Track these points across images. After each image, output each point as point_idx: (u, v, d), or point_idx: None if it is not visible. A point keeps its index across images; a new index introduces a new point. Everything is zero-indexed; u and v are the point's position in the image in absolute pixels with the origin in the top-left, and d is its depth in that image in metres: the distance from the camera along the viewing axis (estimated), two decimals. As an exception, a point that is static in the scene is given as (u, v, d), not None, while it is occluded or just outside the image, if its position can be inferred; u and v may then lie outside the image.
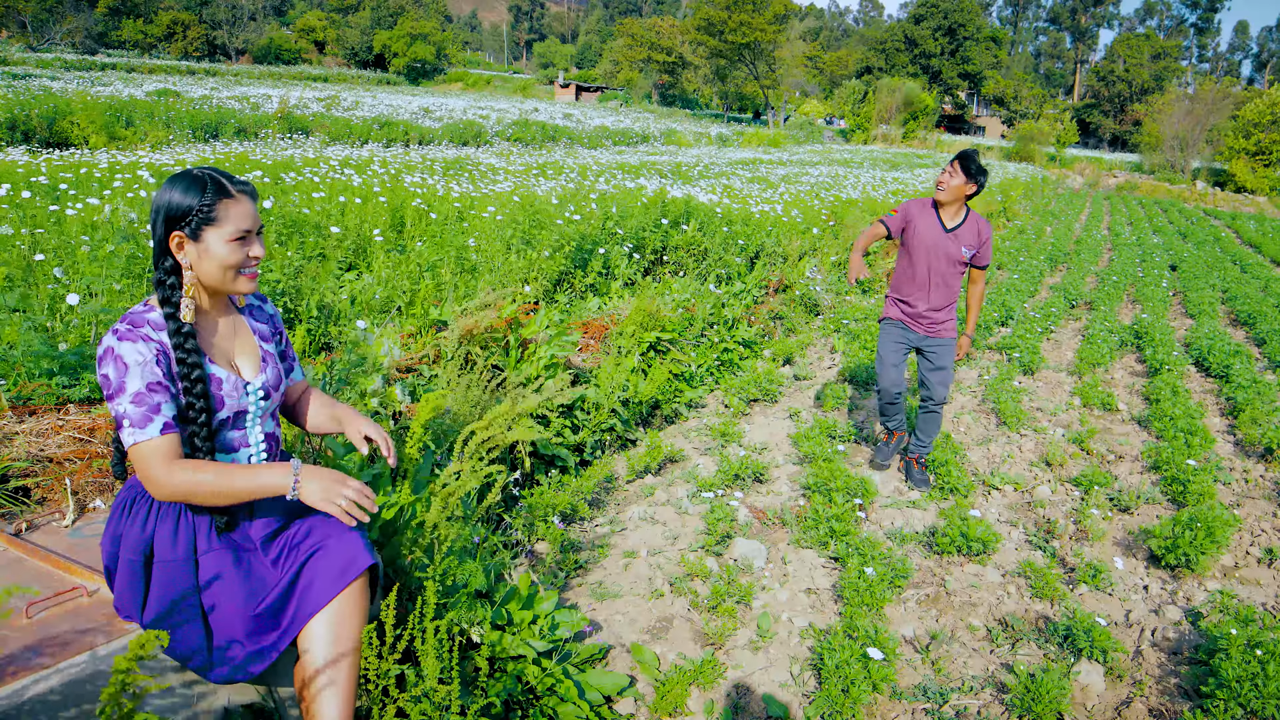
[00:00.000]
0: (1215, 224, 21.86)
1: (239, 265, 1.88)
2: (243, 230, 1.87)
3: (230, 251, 1.86)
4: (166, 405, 1.78)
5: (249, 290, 1.93)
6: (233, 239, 1.85)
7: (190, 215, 1.82)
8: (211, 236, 1.84)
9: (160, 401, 1.77)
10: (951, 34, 70.22)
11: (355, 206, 7.19)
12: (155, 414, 1.76)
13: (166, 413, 1.78)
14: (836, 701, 2.62)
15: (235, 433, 1.96)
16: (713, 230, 8.40)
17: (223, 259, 1.85)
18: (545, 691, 2.43)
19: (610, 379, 4.94)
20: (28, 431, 3.01)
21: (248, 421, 1.99)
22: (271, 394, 2.03)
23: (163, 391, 1.78)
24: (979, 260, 4.25)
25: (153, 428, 1.75)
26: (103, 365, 1.77)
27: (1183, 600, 3.56)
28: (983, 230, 4.20)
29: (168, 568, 1.83)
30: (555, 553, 3.57)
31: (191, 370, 1.82)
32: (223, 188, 1.85)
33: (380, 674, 1.80)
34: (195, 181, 1.83)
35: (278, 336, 2.15)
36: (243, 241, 1.88)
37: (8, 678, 1.80)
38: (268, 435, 2.05)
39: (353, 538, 1.94)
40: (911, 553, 3.84)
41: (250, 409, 1.98)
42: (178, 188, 1.82)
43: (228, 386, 1.92)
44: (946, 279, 4.24)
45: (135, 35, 59.73)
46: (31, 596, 2.10)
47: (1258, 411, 5.65)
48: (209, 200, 1.82)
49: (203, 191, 1.82)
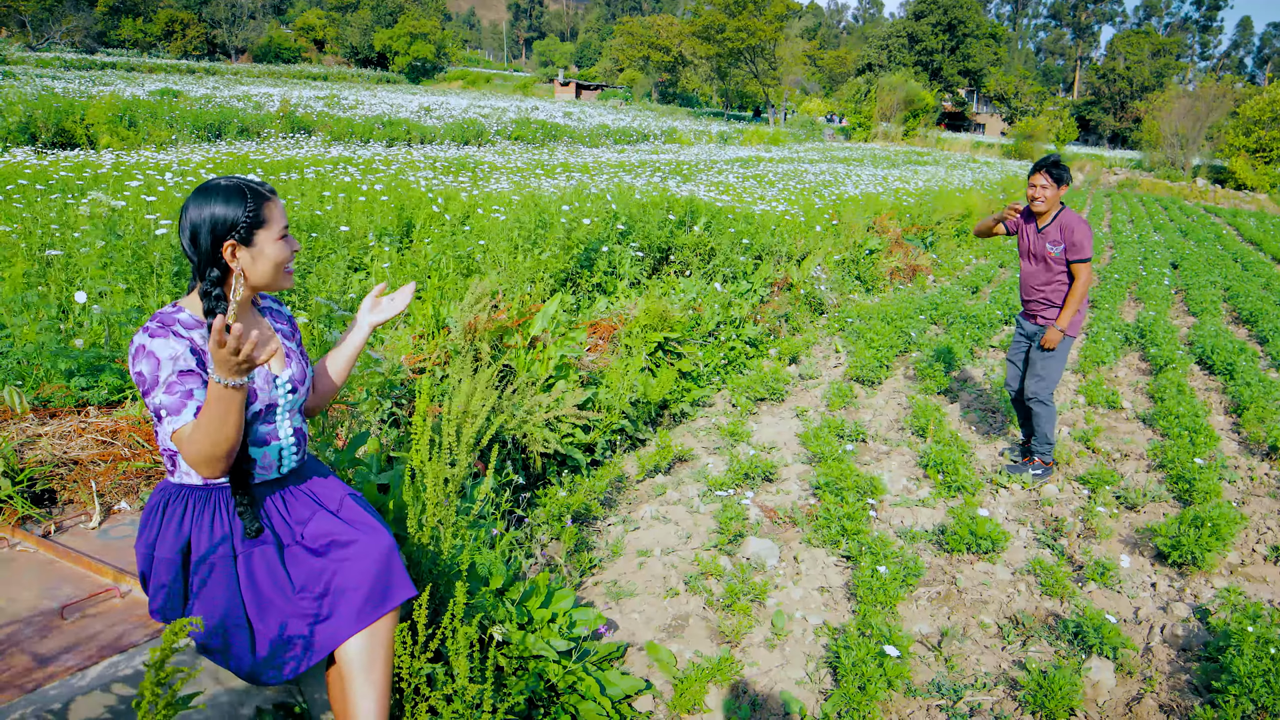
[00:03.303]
0: (1216, 221, 21.89)
1: (288, 261, 1.99)
2: (284, 227, 1.98)
3: (280, 250, 1.97)
4: (199, 390, 1.83)
5: (291, 285, 2.03)
6: (280, 236, 1.96)
7: (239, 223, 1.88)
8: (262, 238, 1.93)
9: (193, 387, 1.82)
10: (951, 30, 70.15)
11: (361, 206, 7.22)
12: (189, 399, 1.81)
13: (199, 397, 1.82)
14: (853, 699, 2.66)
15: (266, 426, 2.01)
16: (719, 229, 8.43)
17: (274, 257, 1.95)
18: (566, 689, 2.47)
19: (620, 379, 4.98)
20: (51, 434, 3.04)
21: (277, 415, 2.04)
22: (299, 388, 2.08)
23: (195, 378, 1.83)
24: (1070, 255, 4.41)
25: (188, 411, 1.81)
26: (136, 363, 1.81)
27: (1190, 597, 3.59)
28: (1065, 226, 4.40)
29: (208, 569, 1.87)
30: (569, 551, 3.60)
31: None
32: (258, 192, 1.93)
33: (412, 673, 1.83)
34: (233, 191, 1.89)
35: (295, 335, 2.20)
36: (286, 239, 1.99)
37: (48, 679, 1.84)
38: (296, 430, 2.09)
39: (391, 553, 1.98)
40: (922, 551, 3.88)
41: (280, 402, 2.03)
42: (216, 200, 1.87)
43: (259, 380, 1.97)
44: (1039, 275, 4.55)
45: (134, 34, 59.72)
46: (66, 598, 2.14)
47: (1262, 410, 5.69)
48: (254, 205, 1.91)
49: (244, 199, 1.90)
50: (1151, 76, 73.99)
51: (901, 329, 7.46)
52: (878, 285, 10.11)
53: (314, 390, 2.27)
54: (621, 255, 7.32)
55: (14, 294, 3.95)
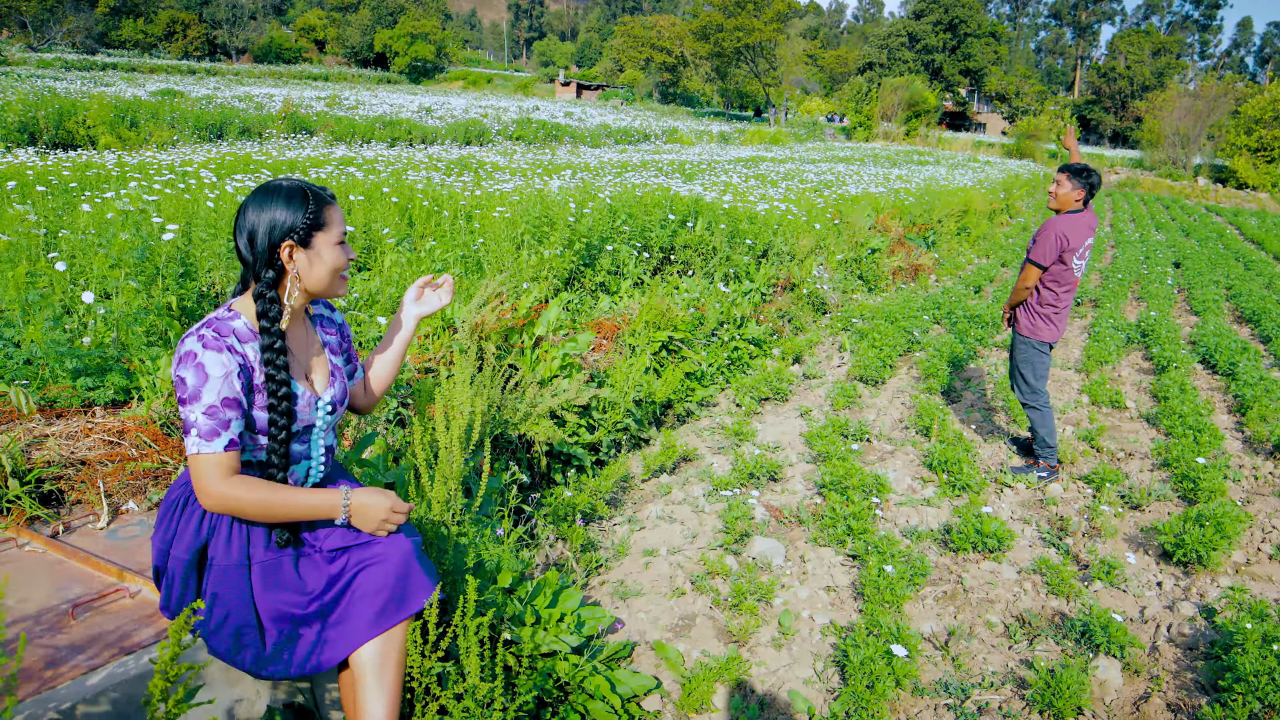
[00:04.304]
0: (1218, 221, 21.88)
1: (344, 267, 1.96)
2: (343, 232, 1.96)
3: (337, 255, 1.94)
4: (235, 422, 1.80)
5: (344, 292, 2.00)
6: (338, 242, 1.94)
7: (298, 225, 1.86)
8: (320, 241, 1.91)
9: (230, 418, 1.79)
10: (952, 29, 70.17)
11: (363, 205, 7.23)
12: (224, 429, 1.78)
13: (234, 429, 1.80)
14: (861, 698, 2.66)
15: (299, 446, 1.98)
16: (721, 229, 8.44)
17: (331, 262, 1.93)
18: (575, 688, 2.47)
19: (624, 379, 4.98)
20: (58, 434, 3.05)
21: (312, 435, 2.01)
22: (338, 408, 2.05)
23: (236, 408, 1.80)
24: (1028, 251, 4.58)
25: (219, 442, 1.77)
26: (181, 367, 1.77)
27: (1196, 596, 3.59)
28: (1040, 229, 4.54)
29: (222, 571, 1.86)
30: (576, 551, 3.61)
31: (280, 388, 1.85)
32: (319, 195, 1.92)
33: (423, 672, 1.84)
34: (295, 193, 1.88)
35: (345, 345, 2.18)
36: (343, 245, 1.96)
37: (59, 678, 1.84)
38: (327, 449, 2.06)
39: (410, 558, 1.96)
40: (927, 550, 3.88)
41: (318, 423, 2.00)
42: (278, 202, 1.86)
43: (302, 402, 1.94)
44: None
45: (135, 35, 59.75)
46: (76, 598, 2.14)
47: (1265, 409, 5.69)
48: (315, 207, 1.89)
49: (305, 201, 1.88)
50: (1152, 76, 73.96)
51: (904, 328, 7.46)
52: (880, 284, 10.11)
53: (365, 390, 2.26)
54: (624, 255, 7.33)
55: (18, 294, 3.96)
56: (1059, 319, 4.61)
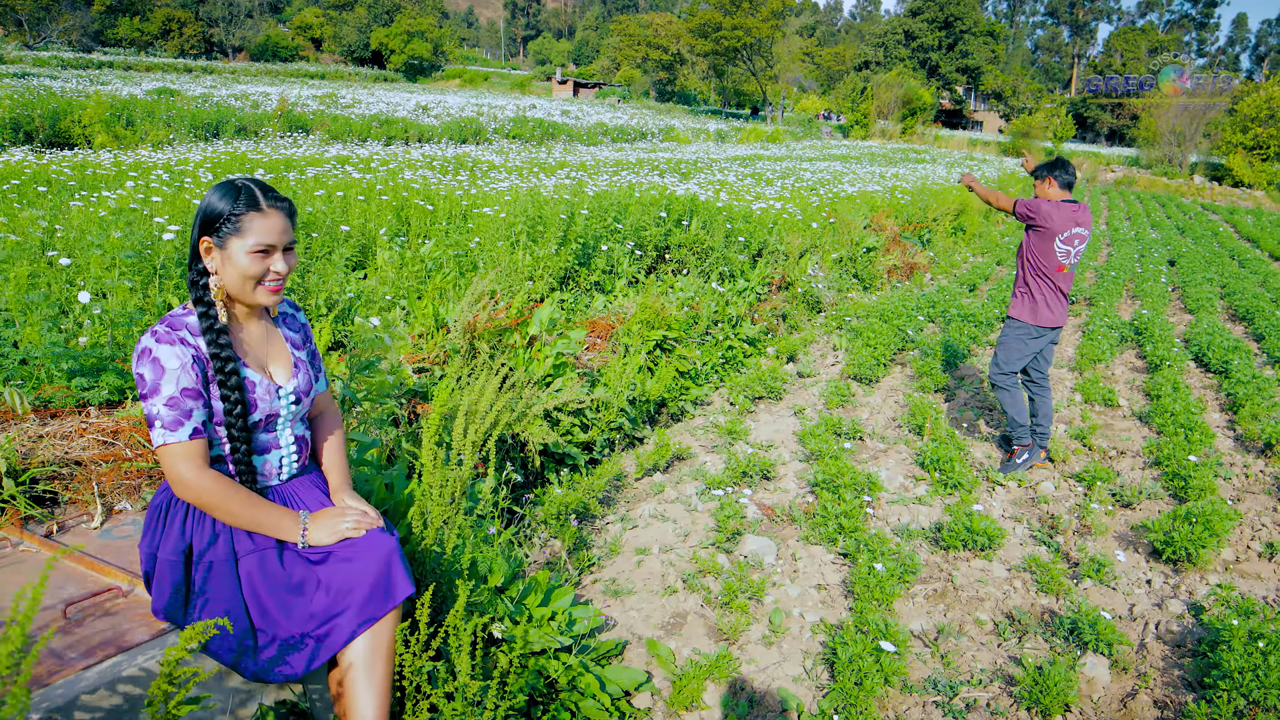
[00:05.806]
0: (1213, 219, 21.93)
1: (258, 277, 1.92)
2: (265, 244, 1.90)
3: (251, 263, 1.89)
4: (198, 411, 1.85)
5: (269, 303, 1.96)
6: (254, 251, 1.88)
7: (221, 222, 1.88)
8: (235, 246, 1.88)
9: (192, 408, 1.83)
10: (948, 27, 70.18)
11: (360, 205, 7.23)
12: (186, 419, 1.82)
13: (197, 418, 1.84)
14: (850, 695, 2.68)
15: (267, 435, 2.02)
16: (716, 228, 8.45)
17: (243, 269, 1.89)
18: (566, 686, 2.49)
19: (618, 377, 5.00)
20: (52, 435, 3.06)
21: (279, 425, 2.05)
22: (303, 399, 2.09)
23: (195, 398, 1.84)
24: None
25: (183, 431, 1.82)
26: (139, 364, 1.83)
27: (1185, 594, 3.62)
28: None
29: (209, 569, 1.89)
30: (568, 550, 3.63)
31: (227, 370, 1.88)
32: (254, 200, 1.89)
33: (414, 671, 1.85)
34: (232, 190, 1.89)
35: (308, 343, 2.20)
36: (264, 255, 1.91)
37: (51, 676, 1.86)
38: (298, 438, 2.10)
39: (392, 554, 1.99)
40: (918, 548, 3.91)
41: (282, 413, 2.04)
42: (218, 193, 1.89)
43: (260, 390, 1.97)
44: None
45: (131, 33, 59.59)
46: (69, 597, 2.16)
47: (1257, 407, 5.72)
48: (238, 210, 1.87)
49: (235, 200, 1.87)
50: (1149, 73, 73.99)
51: (899, 327, 7.48)
52: (875, 283, 10.13)
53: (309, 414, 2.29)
54: (619, 254, 7.34)
55: (17, 295, 3.97)
56: (1033, 302, 4.74)
